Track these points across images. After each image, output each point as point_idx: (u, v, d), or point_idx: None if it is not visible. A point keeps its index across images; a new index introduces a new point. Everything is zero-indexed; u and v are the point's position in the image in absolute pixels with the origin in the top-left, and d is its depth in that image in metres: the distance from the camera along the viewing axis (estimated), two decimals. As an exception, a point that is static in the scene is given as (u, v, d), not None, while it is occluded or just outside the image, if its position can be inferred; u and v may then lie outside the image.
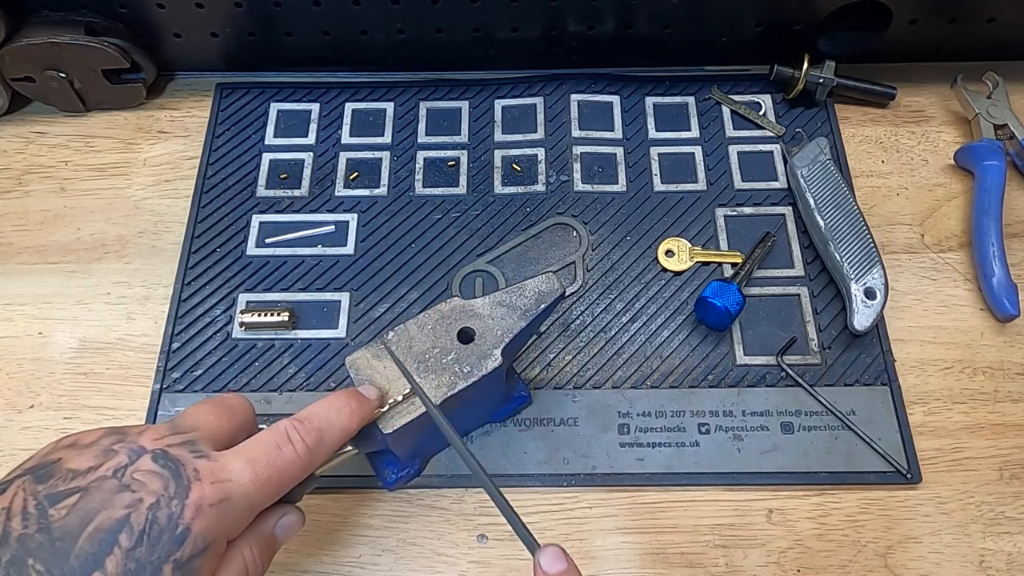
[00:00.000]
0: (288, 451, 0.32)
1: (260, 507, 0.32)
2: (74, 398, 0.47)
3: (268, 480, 0.31)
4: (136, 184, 0.55)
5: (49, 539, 0.27)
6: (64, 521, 0.27)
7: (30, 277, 0.51)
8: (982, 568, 0.42)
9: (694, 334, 0.49)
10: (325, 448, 0.33)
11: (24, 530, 0.27)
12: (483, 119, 0.57)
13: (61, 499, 0.28)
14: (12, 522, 0.27)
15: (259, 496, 0.31)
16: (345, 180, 0.55)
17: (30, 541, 0.27)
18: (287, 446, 0.32)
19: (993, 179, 0.52)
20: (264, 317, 0.48)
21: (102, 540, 0.27)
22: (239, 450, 0.31)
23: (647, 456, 0.45)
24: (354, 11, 0.54)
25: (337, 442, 0.34)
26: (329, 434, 0.33)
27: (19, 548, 0.26)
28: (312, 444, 0.32)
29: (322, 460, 0.34)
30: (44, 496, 0.28)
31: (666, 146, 0.56)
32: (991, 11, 0.55)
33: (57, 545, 0.27)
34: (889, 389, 0.46)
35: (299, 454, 0.32)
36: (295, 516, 0.34)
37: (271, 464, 0.31)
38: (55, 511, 0.27)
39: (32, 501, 0.28)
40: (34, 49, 0.53)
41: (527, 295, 0.39)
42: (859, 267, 0.48)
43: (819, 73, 0.55)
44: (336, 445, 0.34)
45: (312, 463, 0.33)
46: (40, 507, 0.27)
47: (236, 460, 0.31)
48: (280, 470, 0.31)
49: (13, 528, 0.27)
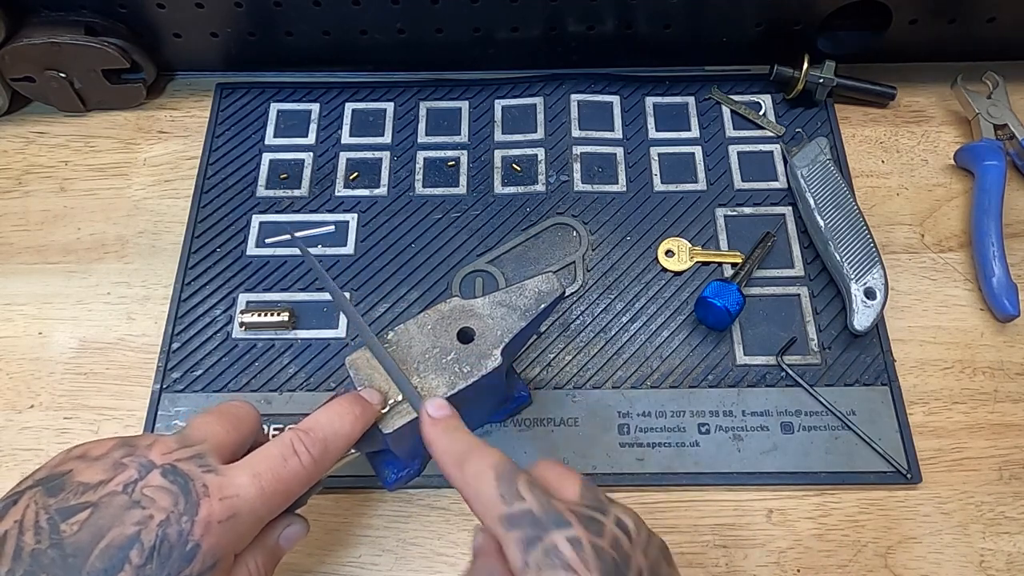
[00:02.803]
0: (294, 463, 0.32)
1: (266, 520, 0.32)
2: (74, 398, 0.47)
3: (274, 493, 0.31)
4: (136, 184, 0.55)
5: (61, 555, 0.27)
6: (76, 537, 0.27)
7: (30, 277, 0.51)
8: (982, 568, 0.42)
9: (694, 334, 0.49)
10: (330, 457, 0.33)
11: (37, 545, 0.27)
12: (483, 119, 0.57)
13: (73, 514, 0.28)
14: (25, 536, 0.27)
15: (266, 510, 0.31)
16: (345, 180, 0.55)
17: (43, 557, 0.27)
18: (292, 458, 0.32)
19: (993, 179, 0.52)
20: (264, 317, 0.48)
21: (113, 557, 0.27)
22: (245, 464, 0.31)
23: (647, 456, 0.45)
24: (354, 11, 0.54)
25: (341, 450, 0.34)
26: (334, 443, 0.33)
27: (32, 564, 0.27)
28: (317, 455, 0.32)
29: (327, 469, 0.34)
30: (56, 510, 0.28)
31: (666, 146, 0.56)
32: (991, 11, 0.55)
33: (69, 561, 0.27)
34: (889, 389, 0.46)
35: (304, 465, 0.32)
36: (299, 526, 0.34)
37: (277, 477, 0.31)
38: (67, 526, 0.27)
39: (44, 515, 0.28)
40: (34, 49, 0.53)
41: (527, 295, 0.39)
42: (859, 267, 0.48)
43: (819, 73, 0.55)
44: (341, 453, 0.34)
45: (317, 473, 0.33)
46: (52, 521, 0.27)
47: (243, 474, 0.31)
48: (286, 482, 0.31)
49: (26, 543, 0.27)
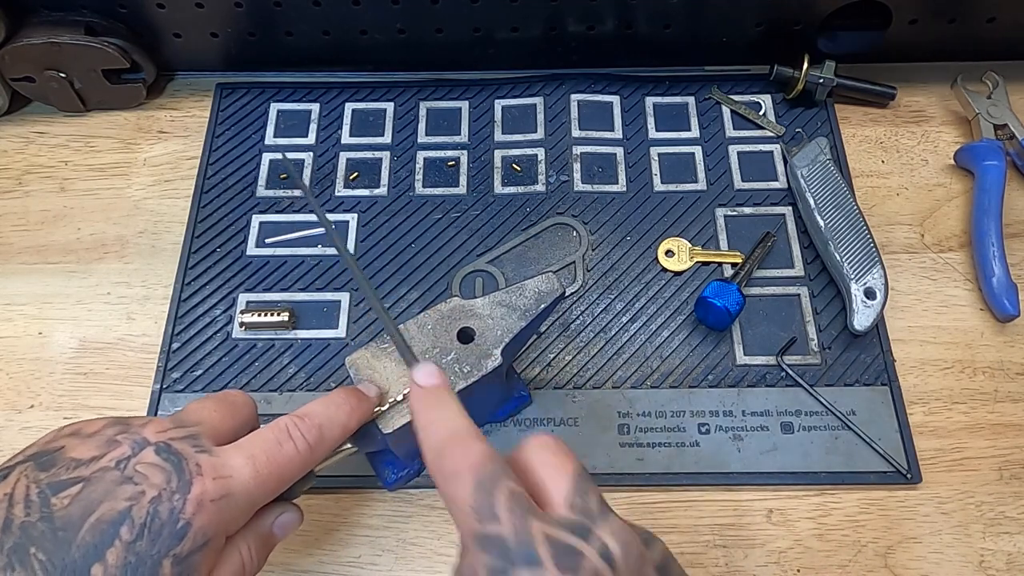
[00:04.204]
0: (289, 448, 0.32)
1: (260, 503, 0.32)
2: (74, 398, 0.47)
3: (268, 476, 0.31)
4: (136, 184, 0.55)
5: (51, 528, 0.27)
6: (66, 511, 0.27)
7: (30, 277, 0.51)
8: (982, 568, 0.42)
9: (694, 334, 0.49)
10: (325, 445, 0.33)
11: (27, 518, 0.27)
12: (483, 119, 0.57)
13: (64, 488, 0.28)
14: (15, 509, 0.27)
15: (259, 492, 0.31)
16: (345, 180, 0.55)
17: (32, 529, 0.27)
18: (288, 443, 0.32)
19: (993, 179, 0.52)
20: (264, 317, 0.48)
21: (104, 532, 0.27)
22: (240, 445, 0.31)
23: (647, 456, 0.45)
24: (354, 11, 0.54)
25: (337, 439, 0.34)
26: (329, 431, 0.33)
27: (22, 536, 0.26)
28: (313, 441, 0.32)
29: (322, 457, 0.33)
30: (47, 484, 0.28)
31: (666, 146, 0.56)
32: (991, 11, 0.55)
33: (59, 535, 0.27)
34: (889, 389, 0.46)
35: (299, 451, 0.32)
36: (293, 514, 0.34)
37: (272, 460, 0.31)
38: (57, 500, 0.27)
39: (35, 489, 0.27)
40: (34, 49, 0.53)
41: (527, 295, 0.39)
42: (859, 267, 0.48)
43: (819, 73, 0.55)
44: (336, 442, 0.34)
45: (312, 460, 0.33)
46: (43, 495, 0.27)
47: (237, 456, 0.31)
48: (280, 466, 0.31)
49: (15, 515, 0.27)
